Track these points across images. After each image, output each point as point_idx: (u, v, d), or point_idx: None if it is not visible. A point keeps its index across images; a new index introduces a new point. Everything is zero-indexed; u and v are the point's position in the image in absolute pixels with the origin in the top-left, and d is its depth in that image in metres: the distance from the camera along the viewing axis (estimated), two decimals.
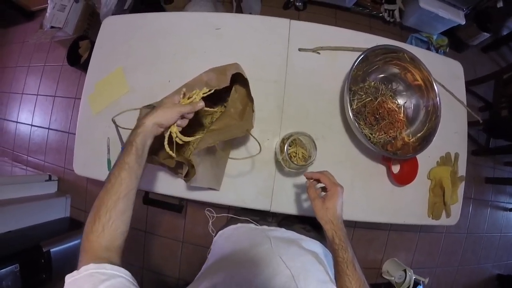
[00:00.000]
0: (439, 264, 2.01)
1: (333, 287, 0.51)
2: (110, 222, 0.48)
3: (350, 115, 0.80)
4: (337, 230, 0.58)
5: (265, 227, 0.77)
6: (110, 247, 0.47)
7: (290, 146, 0.78)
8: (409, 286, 1.50)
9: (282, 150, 0.74)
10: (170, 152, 0.63)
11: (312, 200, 0.63)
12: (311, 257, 0.61)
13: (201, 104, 0.63)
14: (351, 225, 1.86)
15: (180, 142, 0.64)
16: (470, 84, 1.97)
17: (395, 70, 0.92)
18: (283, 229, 0.75)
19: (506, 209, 2.23)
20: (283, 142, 0.76)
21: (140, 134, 0.56)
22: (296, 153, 0.78)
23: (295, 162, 0.74)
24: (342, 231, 0.59)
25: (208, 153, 0.77)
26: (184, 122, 0.64)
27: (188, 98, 0.65)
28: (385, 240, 1.93)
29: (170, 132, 0.62)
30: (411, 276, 1.49)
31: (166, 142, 0.62)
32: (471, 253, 2.09)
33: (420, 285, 1.57)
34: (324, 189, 0.66)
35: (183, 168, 0.72)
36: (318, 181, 0.65)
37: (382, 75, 0.93)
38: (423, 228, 1.97)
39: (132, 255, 1.84)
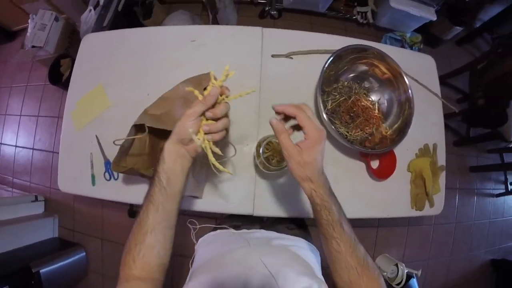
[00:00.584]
0: (431, 256, 2.04)
1: (309, 280, 0.47)
2: (141, 255, 0.47)
3: (324, 115, 0.82)
4: (317, 187, 0.49)
5: (244, 230, 0.76)
6: (143, 277, 0.48)
7: (267, 150, 0.79)
8: (402, 280, 1.51)
9: (258, 154, 0.75)
10: (220, 167, 0.54)
11: (285, 149, 0.50)
12: (291, 252, 0.60)
13: (215, 91, 0.50)
14: None
15: (216, 151, 0.53)
16: (446, 77, 2.03)
17: (364, 67, 0.94)
18: (263, 230, 0.75)
19: (492, 195, 2.29)
20: (259, 145, 0.77)
21: (161, 161, 0.50)
22: (274, 156, 0.80)
23: (273, 165, 0.76)
24: (323, 188, 0.50)
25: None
26: (215, 127, 0.51)
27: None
28: (374, 237, 1.95)
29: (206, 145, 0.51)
30: (403, 270, 1.50)
31: (211, 158, 0.53)
32: (462, 242, 2.13)
33: (413, 277, 1.58)
34: (297, 127, 0.54)
35: None
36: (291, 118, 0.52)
37: (353, 75, 0.96)
38: (412, 221, 2.00)
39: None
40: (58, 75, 1.93)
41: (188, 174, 0.54)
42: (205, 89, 0.75)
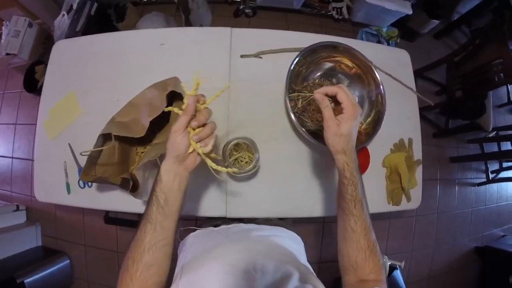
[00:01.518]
0: (414, 247, 2.07)
1: (290, 268, 0.48)
2: (138, 273, 0.47)
3: (291, 115, 0.82)
4: (350, 162, 0.53)
5: (223, 226, 0.76)
6: None
7: (236, 152, 0.79)
8: (385, 272, 1.52)
9: (224, 157, 0.75)
10: (219, 168, 0.55)
11: (326, 121, 0.54)
12: (271, 242, 0.61)
13: (192, 100, 0.51)
14: (320, 220, 1.88)
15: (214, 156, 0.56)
16: (424, 71, 2.05)
17: (330, 64, 0.93)
18: (242, 224, 0.75)
19: (474, 185, 2.34)
20: (225, 147, 0.76)
21: (158, 181, 0.51)
22: (243, 158, 0.80)
23: (243, 167, 0.76)
24: (354, 163, 0.53)
25: (156, 167, 0.77)
26: (204, 132, 0.52)
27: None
28: None
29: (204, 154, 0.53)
30: (386, 262, 1.51)
31: (210, 164, 0.54)
32: (445, 231, 2.17)
33: (397, 269, 1.60)
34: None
35: (129, 184, 0.73)
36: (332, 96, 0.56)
37: (320, 73, 0.95)
38: (393, 214, 2.00)
39: (110, 277, 1.81)
40: (34, 82, 1.90)
41: (186, 192, 0.54)
42: (171, 96, 0.75)
